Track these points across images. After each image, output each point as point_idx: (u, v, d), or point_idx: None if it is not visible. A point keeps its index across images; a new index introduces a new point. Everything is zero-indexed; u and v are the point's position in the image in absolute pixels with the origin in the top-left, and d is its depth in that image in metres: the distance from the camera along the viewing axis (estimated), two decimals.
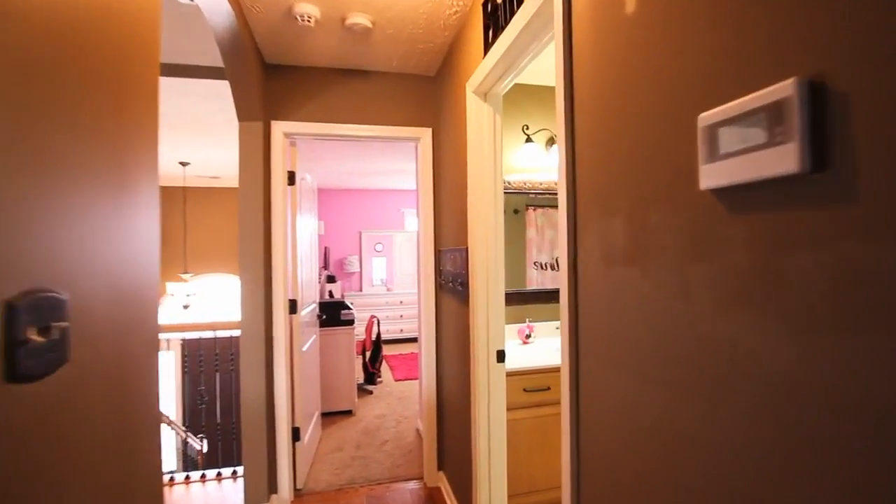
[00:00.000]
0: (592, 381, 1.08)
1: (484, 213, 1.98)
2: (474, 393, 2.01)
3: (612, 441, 1.01)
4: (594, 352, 1.07)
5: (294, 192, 2.74)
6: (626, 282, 0.94)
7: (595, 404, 1.08)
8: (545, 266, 2.88)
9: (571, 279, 1.15)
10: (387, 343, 6.90)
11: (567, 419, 1.16)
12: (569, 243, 1.15)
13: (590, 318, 1.09)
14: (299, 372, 2.75)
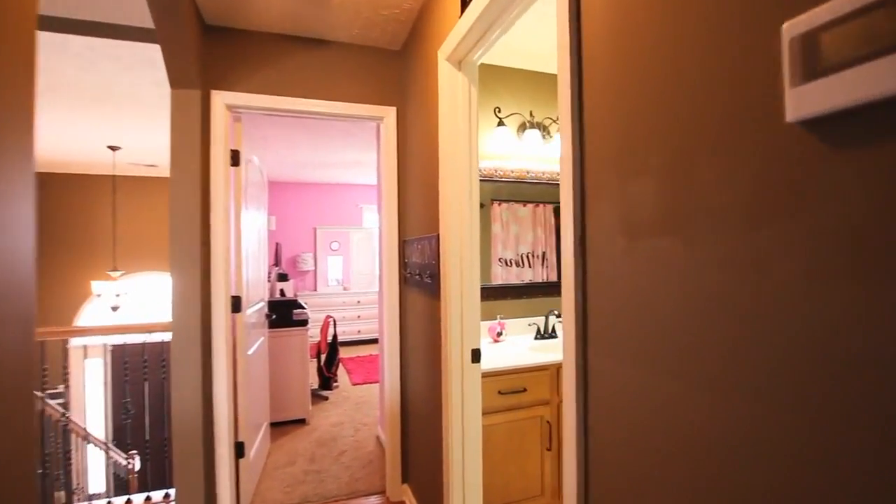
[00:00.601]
0: (606, 384, 0.89)
1: (458, 193, 1.77)
2: (446, 396, 1.78)
3: (634, 458, 0.81)
4: (608, 347, 0.88)
5: (238, 174, 2.41)
6: (660, 257, 0.75)
7: (609, 413, 0.88)
8: (510, 262, 2.71)
9: (578, 259, 0.95)
10: (344, 345, 6.55)
11: (574, 428, 0.96)
12: (574, 215, 0.95)
13: (602, 305, 0.89)
14: (244, 378, 2.42)
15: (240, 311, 2.37)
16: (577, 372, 0.94)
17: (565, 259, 0.98)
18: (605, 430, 0.89)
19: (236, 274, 2.37)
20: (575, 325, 0.94)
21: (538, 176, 2.82)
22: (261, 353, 2.90)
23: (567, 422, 0.99)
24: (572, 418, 0.96)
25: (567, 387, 0.98)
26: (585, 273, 0.94)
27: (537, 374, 2.12)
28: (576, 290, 0.94)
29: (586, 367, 0.94)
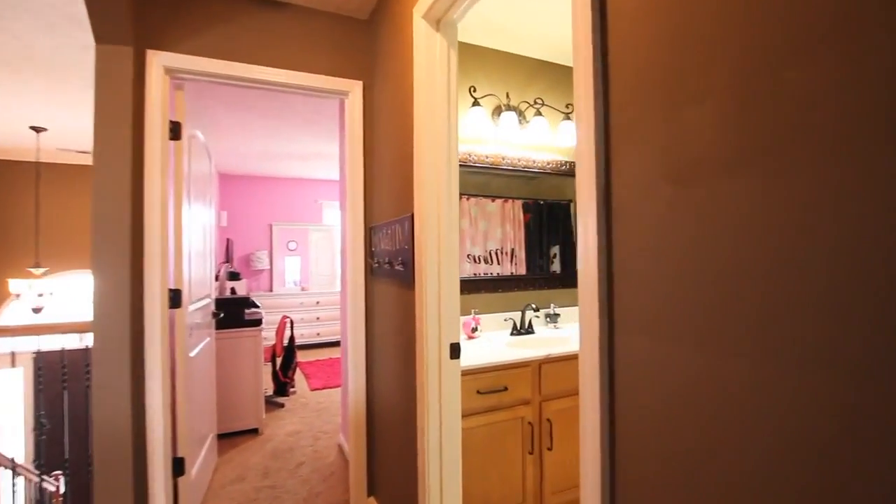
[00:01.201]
0: (638, 368, 0.71)
1: (436, 167, 1.57)
2: (422, 397, 1.57)
3: (681, 458, 0.64)
4: (641, 323, 0.70)
5: (179, 149, 2.10)
6: (725, 202, 0.58)
7: (641, 402, 0.71)
8: (479, 259, 2.55)
9: (602, 220, 0.77)
10: (302, 349, 6.17)
11: (597, 423, 0.78)
12: (597, 165, 0.77)
13: (634, 272, 0.72)
14: (185, 383, 2.11)
15: (179, 306, 2.06)
16: (601, 355, 0.77)
17: (583, 223, 0.80)
18: (636, 422, 0.72)
19: (176, 264, 2.06)
20: (598, 299, 0.76)
21: (513, 163, 2.67)
22: (206, 356, 2.57)
23: (588, 415, 0.81)
24: (594, 411, 0.78)
25: (587, 374, 0.80)
26: (611, 236, 0.76)
27: (518, 372, 1.95)
28: (599, 258, 0.77)
29: (612, 349, 0.76)
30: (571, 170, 2.86)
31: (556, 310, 2.72)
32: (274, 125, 4.10)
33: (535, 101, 2.68)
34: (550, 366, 2.04)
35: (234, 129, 4.19)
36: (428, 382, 1.55)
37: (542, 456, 2.02)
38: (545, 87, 2.77)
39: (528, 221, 2.72)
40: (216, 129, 4.19)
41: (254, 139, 4.57)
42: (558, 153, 2.83)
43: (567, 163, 2.85)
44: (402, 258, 1.75)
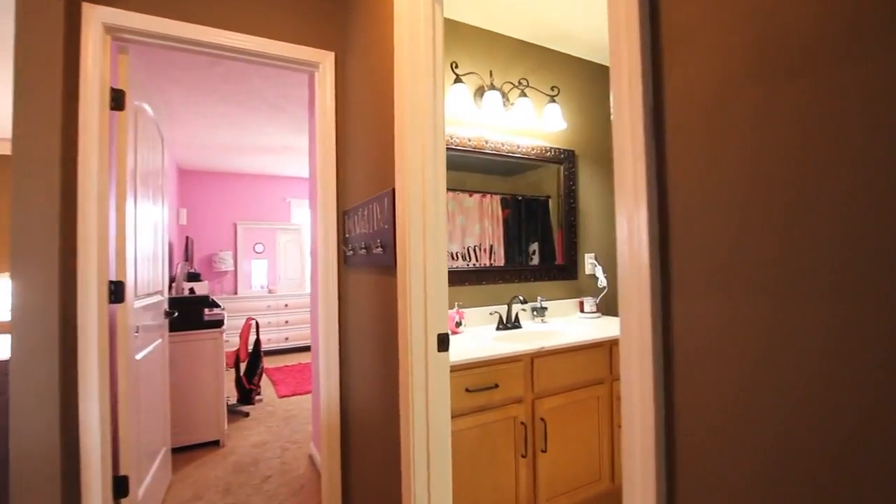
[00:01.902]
0: (710, 341, 0.54)
1: (420, 133, 1.38)
2: (407, 395, 1.37)
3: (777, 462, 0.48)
4: (712, 278, 0.53)
5: (123, 122, 1.84)
6: (842, 103, 0.42)
7: (711, 383, 0.54)
8: (457, 255, 2.37)
9: (650, 143, 0.60)
10: (269, 355, 5.84)
11: (650, 415, 0.61)
12: (643, 72, 0.60)
13: (700, 206, 0.55)
14: (131, 391, 1.83)
15: (122, 301, 1.79)
16: (654, 325, 0.59)
17: (619, 146, 0.63)
18: (704, 408, 0.55)
19: (118, 251, 1.79)
20: (648, 247, 0.59)
21: (497, 147, 2.51)
22: (157, 360, 2.29)
23: (635, 406, 0.63)
24: (649, 399, 0.61)
25: (633, 354, 0.63)
26: (664, 168, 0.59)
27: (510, 367, 1.78)
28: (649, 190, 0.59)
29: (668, 315, 0.59)
30: (556, 156, 2.73)
31: (543, 303, 2.56)
32: (237, 113, 3.82)
33: (519, 81, 2.53)
34: (543, 360, 1.87)
35: (193, 117, 3.88)
36: (413, 379, 1.35)
37: (536, 459, 1.84)
38: (530, 68, 2.64)
39: (506, 217, 2.57)
40: (172, 116, 3.87)
41: (215, 129, 4.26)
42: (543, 139, 2.69)
43: (552, 149, 2.71)
44: (382, 240, 1.55)
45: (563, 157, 2.77)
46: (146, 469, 2.07)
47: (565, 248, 2.78)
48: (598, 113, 2.95)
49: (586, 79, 2.90)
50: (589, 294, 2.85)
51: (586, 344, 2.00)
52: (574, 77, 2.84)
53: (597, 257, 2.92)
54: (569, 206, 2.80)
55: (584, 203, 2.87)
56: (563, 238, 2.77)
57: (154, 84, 3.13)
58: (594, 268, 2.87)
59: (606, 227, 2.98)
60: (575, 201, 2.82)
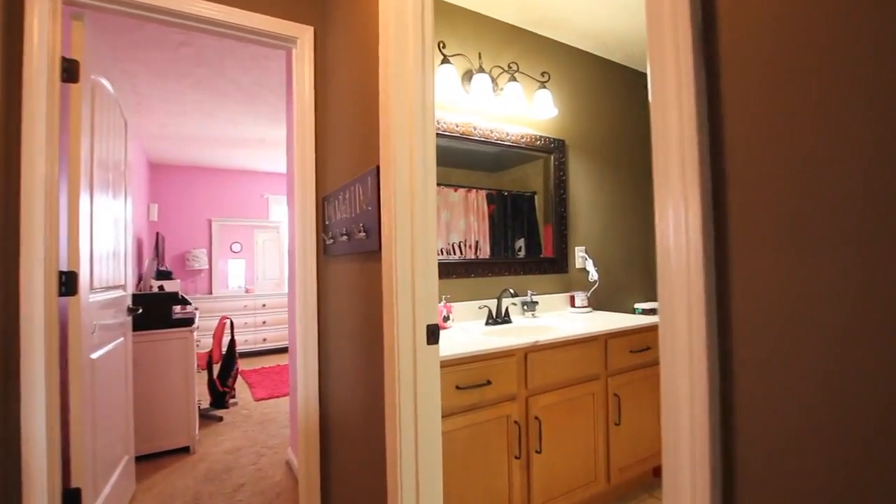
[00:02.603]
0: (786, 310, 0.43)
1: (407, 104, 1.26)
2: (393, 394, 1.24)
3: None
4: (783, 229, 0.43)
5: (77, 95, 1.66)
6: None
7: (788, 363, 0.43)
8: (441, 251, 2.26)
9: (699, 59, 0.49)
10: (246, 356, 5.61)
11: (703, 406, 0.50)
12: None
13: (769, 138, 0.44)
14: (84, 393, 1.65)
15: (75, 293, 1.61)
16: (707, 284, 0.48)
17: (661, 60, 0.52)
18: (773, 401, 0.44)
19: (70, 237, 1.61)
20: (698, 174, 0.48)
21: (485, 134, 2.40)
22: (117, 360, 2.10)
23: (680, 395, 0.52)
24: (701, 384, 0.49)
25: (677, 324, 0.51)
26: (719, 90, 0.48)
27: (502, 363, 1.66)
28: (698, 114, 0.48)
29: (724, 277, 0.48)
30: (546, 146, 2.63)
31: (533, 297, 2.46)
32: (210, 101, 3.62)
33: (509, 65, 2.43)
34: (538, 355, 1.76)
35: (162, 104, 3.67)
36: (400, 376, 1.22)
37: (530, 460, 1.73)
38: (520, 53, 2.54)
39: (492, 213, 2.46)
40: (141, 104, 3.65)
41: (186, 118, 4.05)
42: (533, 127, 2.59)
43: (542, 137, 2.62)
44: (365, 223, 1.42)
45: (554, 147, 2.68)
46: (104, 480, 1.89)
47: (555, 241, 2.68)
48: (588, 103, 2.87)
49: (577, 67, 2.82)
50: (579, 288, 2.77)
51: (581, 338, 1.90)
52: (564, 65, 2.75)
53: (587, 250, 2.83)
54: (559, 198, 2.70)
55: (575, 195, 2.79)
56: (554, 231, 2.68)
57: (119, 66, 2.93)
58: (585, 261, 2.78)
59: (597, 219, 2.90)
60: (565, 192, 2.73)
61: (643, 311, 2.94)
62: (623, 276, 3.02)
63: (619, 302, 2.99)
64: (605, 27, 2.60)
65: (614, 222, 2.99)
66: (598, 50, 2.87)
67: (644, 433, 2.16)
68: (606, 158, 2.96)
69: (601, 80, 2.95)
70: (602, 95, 2.95)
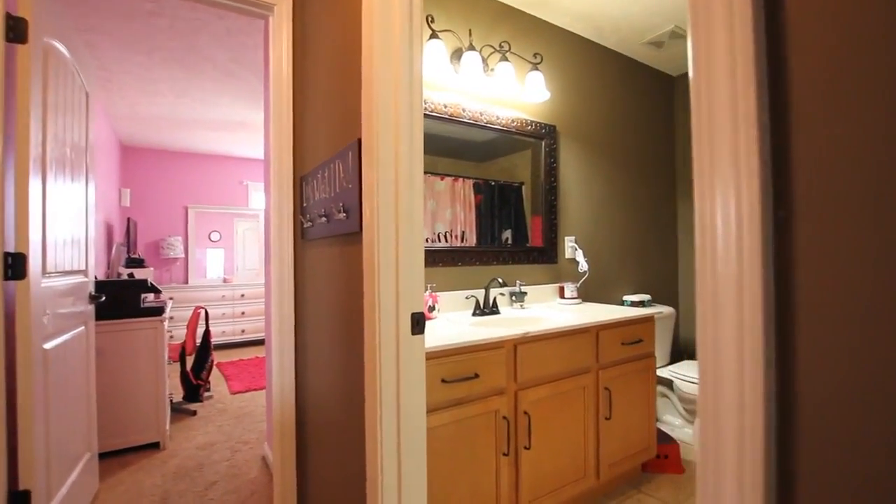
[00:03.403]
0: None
1: (391, 68, 1.14)
2: (374, 387, 1.14)
3: None
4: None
5: (25, 58, 1.50)
6: None
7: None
8: (427, 241, 2.15)
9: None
10: (223, 348, 5.43)
11: (758, 398, 0.41)
12: None
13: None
14: (35, 386, 1.51)
15: (23, 277, 1.46)
16: (765, 292, 0.39)
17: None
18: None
19: (19, 215, 1.46)
20: (757, 156, 0.39)
21: (475, 117, 2.29)
22: (76, 350, 1.95)
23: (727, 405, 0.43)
24: (756, 365, 0.40)
25: (730, 301, 0.42)
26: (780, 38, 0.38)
27: (491, 355, 1.57)
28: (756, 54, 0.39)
29: (787, 281, 0.38)
30: (537, 131, 2.54)
31: (522, 287, 2.38)
32: (183, 79, 3.43)
33: (500, 45, 2.32)
34: (528, 347, 1.68)
35: (132, 80, 3.46)
36: (381, 367, 1.12)
37: (519, 457, 1.65)
38: (511, 33, 2.43)
39: (479, 203, 2.36)
40: (110, 81, 3.44)
41: (159, 98, 3.84)
42: (524, 111, 2.49)
43: (533, 122, 2.52)
44: (345, 203, 1.31)
45: (545, 133, 2.58)
46: (61, 479, 1.75)
47: (545, 231, 2.60)
48: (581, 88, 2.78)
49: (570, 51, 2.72)
50: (569, 279, 2.69)
51: (573, 329, 1.82)
52: (557, 47, 2.65)
53: (577, 240, 2.76)
54: (549, 186, 2.61)
55: (565, 183, 2.71)
56: (543, 220, 2.59)
57: (82, 38, 2.73)
58: (574, 251, 2.71)
59: (587, 209, 2.82)
60: (556, 180, 2.64)
61: (632, 303, 2.89)
62: (612, 268, 2.96)
63: (607, 294, 2.93)
64: (600, 11, 2.50)
65: (605, 212, 2.92)
66: (592, 34, 2.78)
67: (633, 427, 2.10)
68: (598, 147, 2.89)
69: (594, 66, 2.87)
70: (595, 82, 2.87)
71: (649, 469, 2.29)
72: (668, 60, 3.18)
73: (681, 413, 2.81)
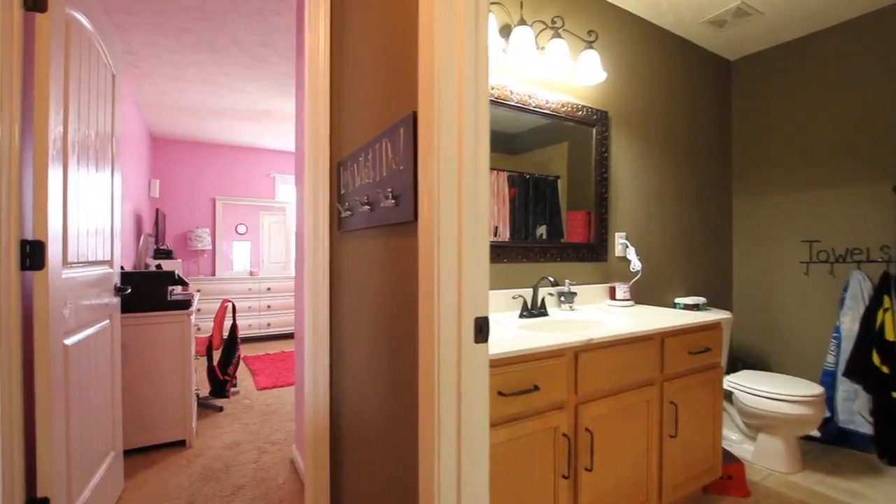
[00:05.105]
0: None
1: (454, 30, 0.96)
2: (430, 401, 0.97)
3: None
4: None
5: (45, 28, 1.37)
6: None
7: None
8: None
9: None
10: (249, 342, 5.39)
11: None
12: None
13: None
14: (56, 384, 1.39)
15: (42, 267, 1.34)
16: None
17: None
18: None
19: (37, 200, 1.34)
20: None
21: (524, 101, 2.09)
22: (101, 345, 1.84)
23: None
24: None
25: None
26: None
27: (552, 364, 1.38)
28: None
29: None
30: (588, 117, 2.32)
31: (572, 287, 2.18)
32: (211, 63, 3.32)
33: (553, 20, 2.11)
34: (590, 355, 1.48)
35: (160, 65, 3.38)
36: (440, 380, 0.95)
37: (579, 479, 1.46)
38: (564, 8, 2.22)
39: (513, 197, 2.16)
40: (138, 67, 3.36)
41: (186, 84, 3.75)
42: (573, 94, 2.28)
43: (584, 107, 2.30)
44: (394, 187, 1.13)
45: (596, 119, 2.36)
46: (82, 483, 1.64)
47: (596, 226, 2.39)
48: (633, 71, 2.55)
49: (622, 30, 2.49)
50: (618, 279, 2.48)
51: (637, 336, 1.62)
52: (609, 26, 2.43)
53: (628, 237, 2.54)
54: (600, 177, 2.40)
55: (616, 174, 2.48)
56: (594, 214, 2.38)
57: (110, 19, 2.63)
58: (625, 249, 2.49)
59: (639, 203, 2.60)
60: (606, 171, 2.42)
61: (685, 307, 2.65)
62: (662, 267, 2.73)
63: (657, 295, 2.70)
64: None
65: (656, 207, 2.69)
66: (648, 12, 2.54)
67: (697, 445, 1.88)
68: (649, 136, 2.65)
69: (647, 48, 2.63)
70: (647, 65, 2.63)
71: (711, 490, 2.07)
72: (728, 42, 2.91)
73: (739, 427, 2.56)
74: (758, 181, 3.04)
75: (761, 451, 2.37)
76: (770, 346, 2.99)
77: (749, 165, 3.09)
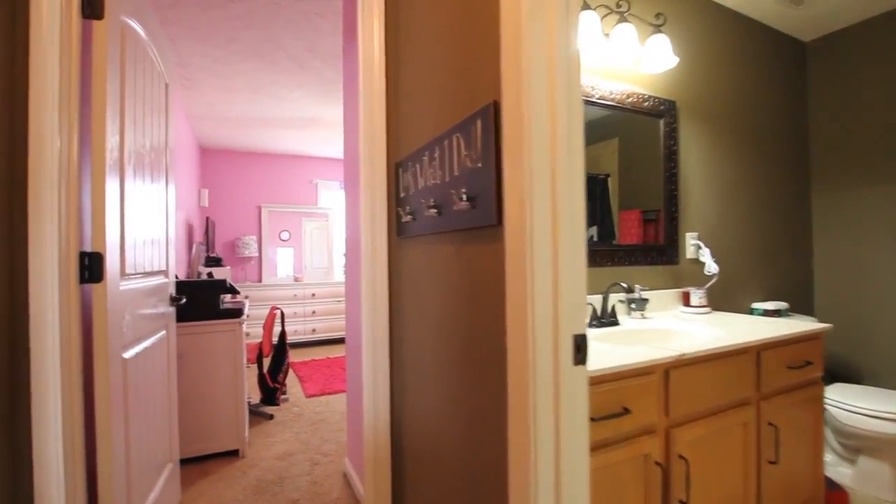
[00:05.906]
0: None
1: (543, 6, 0.83)
2: (527, 431, 0.84)
3: None
4: None
5: (102, 36, 1.34)
6: None
7: None
8: None
9: None
10: (295, 347, 5.42)
11: None
12: None
13: None
14: (115, 399, 1.36)
15: (101, 279, 1.30)
16: None
17: None
18: None
19: (95, 209, 1.31)
20: None
21: (587, 93, 1.93)
22: (158, 357, 1.82)
23: None
24: None
25: None
26: None
27: (641, 383, 1.22)
28: None
29: None
30: (655, 108, 2.13)
31: (643, 293, 1.99)
32: (259, 72, 3.33)
33: (618, 3, 1.94)
34: (681, 372, 1.31)
35: (210, 77, 3.42)
36: (536, 408, 0.81)
37: None
38: None
39: None
40: (188, 80, 3.42)
41: (235, 95, 3.79)
42: (638, 84, 2.10)
43: (651, 97, 2.12)
44: (469, 188, 1.01)
45: (664, 109, 2.17)
46: (142, 494, 1.61)
47: (665, 226, 2.19)
48: (700, 58, 2.34)
49: (688, 13, 2.29)
50: (691, 283, 2.26)
51: (730, 350, 1.43)
52: (674, 9, 2.23)
53: (700, 237, 2.32)
54: (669, 173, 2.20)
55: (686, 169, 2.28)
56: (664, 213, 2.18)
57: (164, 28, 2.67)
58: (698, 250, 2.27)
59: (712, 201, 2.37)
60: (676, 166, 2.22)
61: (765, 312, 2.40)
62: (738, 270, 2.49)
63: (733, 300, 2.46)
64: None
65: (729, 205, 2.45)
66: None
67: (797, 472, 1.66)
68: (720, 127, 2.42)
69: (715, 31, 2.41)
70: (715, 50, 2.40)
71: None
72: (804, 21, 2.63)
73: (834, 448, 2.29)
74: (841, 173, 2.74)
75: (864, 476, 2.10)
76: (863, 356, 2.68)
77: (830, 156, 2.79)
